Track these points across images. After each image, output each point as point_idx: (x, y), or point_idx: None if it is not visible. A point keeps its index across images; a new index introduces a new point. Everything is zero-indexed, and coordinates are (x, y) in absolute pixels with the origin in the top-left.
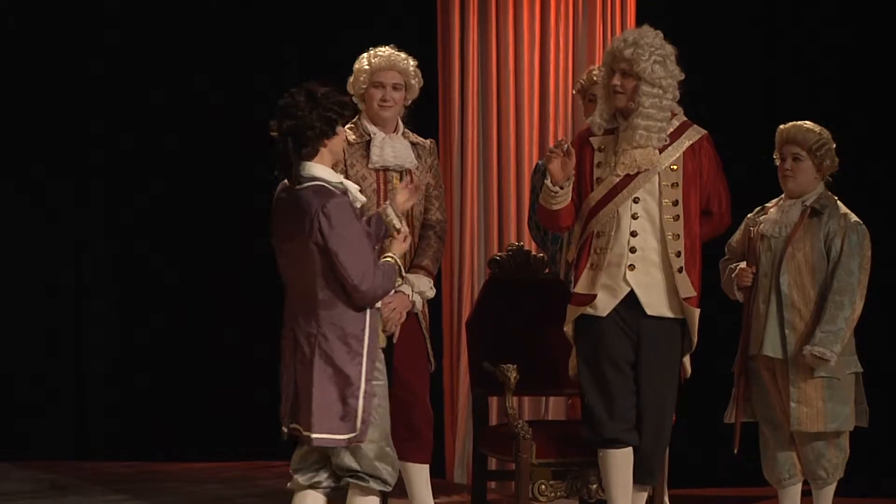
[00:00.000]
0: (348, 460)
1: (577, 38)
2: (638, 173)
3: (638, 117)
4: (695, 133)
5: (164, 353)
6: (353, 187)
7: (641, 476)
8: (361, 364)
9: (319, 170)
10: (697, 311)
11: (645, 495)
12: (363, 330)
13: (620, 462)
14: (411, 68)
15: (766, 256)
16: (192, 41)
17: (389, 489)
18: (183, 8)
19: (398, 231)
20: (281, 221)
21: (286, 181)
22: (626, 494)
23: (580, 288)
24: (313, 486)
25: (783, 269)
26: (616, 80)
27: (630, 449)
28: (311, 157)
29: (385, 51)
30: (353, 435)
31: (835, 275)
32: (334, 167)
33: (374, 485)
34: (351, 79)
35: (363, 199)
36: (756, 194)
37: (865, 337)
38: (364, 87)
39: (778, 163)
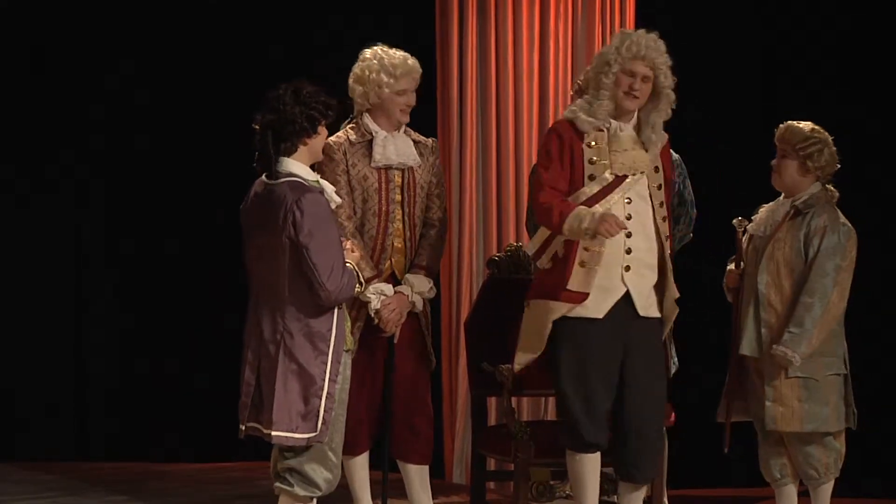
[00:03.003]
0: (291, 460)
1: (576, 37)
2: (631, 175)
3: (659, 117)
4: (663, 135)
5: (164, 353)
6: (329, 188)
7: (630, 475)
8: (326, 364)
9: (296, 167)
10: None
11: (641, 495)
12: (329, 330)
13: (594, 466)
14: (419, 67)
15: (751, 256)
16: (189, 38)
17: (319, 494)
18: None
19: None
20: (254, 215)
21: (264, 176)
22: (595, 497)
23: (574, 285)
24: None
25: (762, 269)
26: (637, 85)
27: (599, 452)
28: (290, 152)
29: (397, 55)
30: (312, 435)
31: (808, 275)
32: (313, 168)
33: (299, 490)
34: (359, 76)
35: (339, 200)
36: (755, 195)
37: (865, 337)
38: (385, 91)
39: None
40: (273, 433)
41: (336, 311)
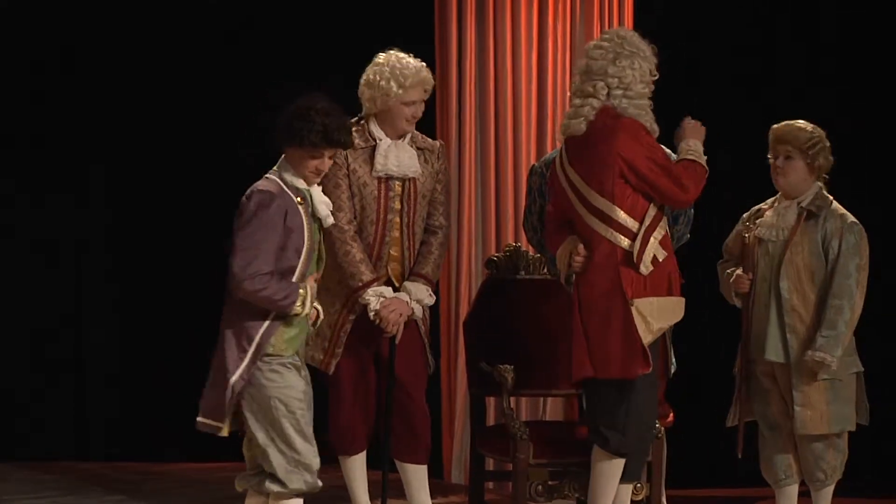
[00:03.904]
0: (266, 465)
1: (574, 38)
2: None
3: None
4: None
5: (164, 352)
6: (319, 200)
7: (629, 475)
8: (243, 362)
9: (286, 170)
10: None
11: (631, 487)
12: (258, 332)
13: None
14: (432, 79)
15: (764, 261)
16: (193, 43)
17: (304, 493)
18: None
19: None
20: None
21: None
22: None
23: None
24: (251, 487)
25: (782, 274)
26: None
27: None
28: (278, 148)
29: (411, 65)
30: (219, 424)
31: (833, 278)
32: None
33: (290, 489)
34: (369, 80)
35: (326, 214)
36: (752, 196)
37: (866, 335)
38: (391, 100)
39: (771, 162)
40: (198, 419)
41: (270, 318)
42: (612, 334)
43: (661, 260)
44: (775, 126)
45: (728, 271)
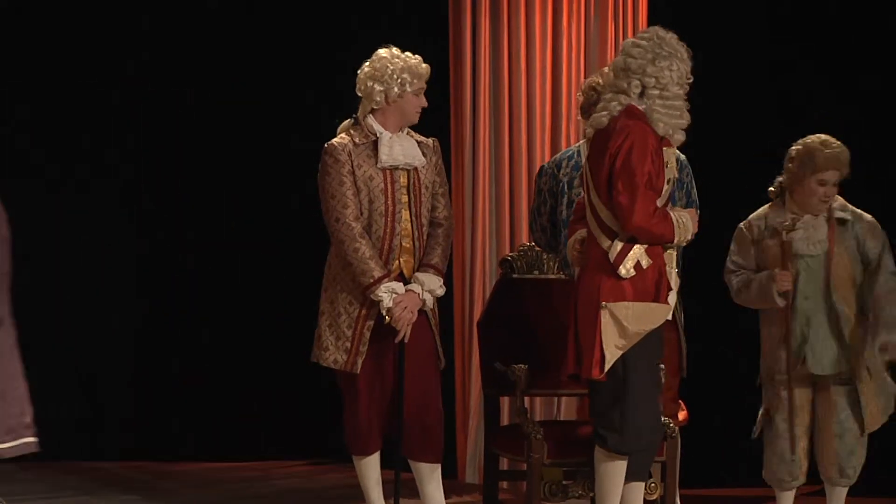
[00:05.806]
0: None
1: (588, 37)
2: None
3: None
4: None
5: (178, 351)
6: None
7: (634, 475)
8: None
9: None
10: None
11: (643, 485)
12: None
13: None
14: None
15: (805, 275)
16: (200, 39)
17: None
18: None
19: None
20: None
21: None
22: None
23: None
24: None
25: (832, 288)
26: None
27: None
28: None
29: (414, 57)
30: None
31: (877, 277)
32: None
33: None
34: (377, 75)
35: None
36: (754, 196)
37: None
38: (407, 90)
39: (817, 181)
40: None
41: None
42: (588, 333)
43: (644, 267)
44: (832, 149)
45: (760, 275)
